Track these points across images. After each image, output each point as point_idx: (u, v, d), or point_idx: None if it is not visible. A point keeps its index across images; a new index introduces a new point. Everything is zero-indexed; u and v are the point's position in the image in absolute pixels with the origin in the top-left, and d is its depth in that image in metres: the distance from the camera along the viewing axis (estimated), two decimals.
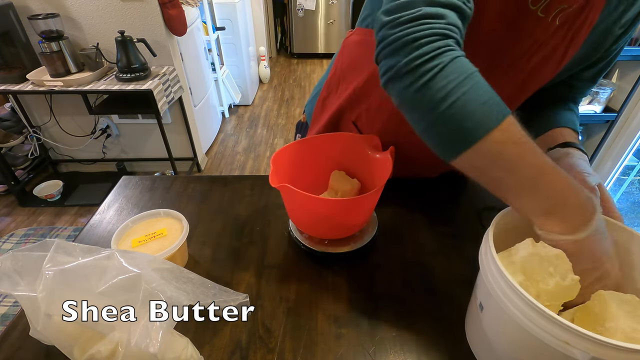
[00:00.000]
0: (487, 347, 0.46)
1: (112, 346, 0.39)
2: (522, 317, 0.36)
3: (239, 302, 0.50)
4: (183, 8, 2.05)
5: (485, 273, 0.42)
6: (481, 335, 0.47)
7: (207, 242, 0.67)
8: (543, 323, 0.35)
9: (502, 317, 0.41)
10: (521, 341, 0.39)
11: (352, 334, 0.52)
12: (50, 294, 0.37)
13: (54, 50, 1.81)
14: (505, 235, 0.47)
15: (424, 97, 0.39)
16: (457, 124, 0.38)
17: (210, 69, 2.94)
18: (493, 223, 0.45)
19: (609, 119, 1.64)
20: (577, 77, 0.64)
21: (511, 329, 0.40)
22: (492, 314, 0.43)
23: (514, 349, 0.41)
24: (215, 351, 0.49)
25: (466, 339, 0.51)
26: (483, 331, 0.46)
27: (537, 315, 0.35)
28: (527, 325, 0.36)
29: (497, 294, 0.39)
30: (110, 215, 0.73)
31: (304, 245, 0.63)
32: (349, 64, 0.70)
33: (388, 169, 0.59)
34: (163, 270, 0.43)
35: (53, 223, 2.14)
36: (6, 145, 2.23)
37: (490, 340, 0.44)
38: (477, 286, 0.47)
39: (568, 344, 0.33)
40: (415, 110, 0.41)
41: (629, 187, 2.03)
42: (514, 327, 0.38)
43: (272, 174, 0.57)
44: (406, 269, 0.62)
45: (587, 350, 0.32)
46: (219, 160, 2.75)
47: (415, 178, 0.81)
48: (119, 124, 2.39)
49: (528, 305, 0.36)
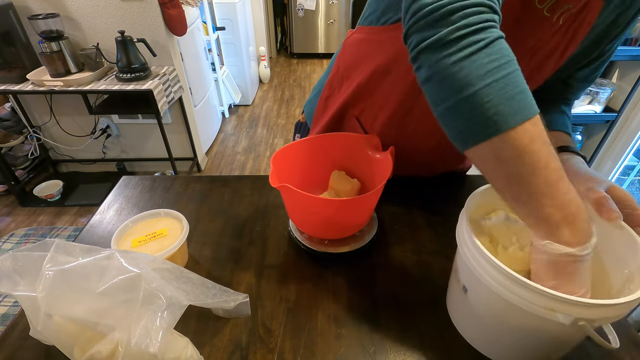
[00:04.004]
0: (475, 325, 0.49)
1: (112, 346, 0.39)
2: (509, 293, 0.39)
3: (239, 302, 0.50)
4: (183, 8, 2.05)
5: (466, 255, 0.44)
6: (468, 316, 0.49)
7: (207, 242, 0.67)
8: (529, 295, 0.37)
9: (488, 296, 0.43)
10: (508, 315, 0.42)
11: (352, 334, 0.52)
12: (50, 294, 0.37)
13: (54, 50, 1.81)
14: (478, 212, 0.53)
15: (462, 70, 0.35)
16: (491, 107, 0.34)
17: (210, 69, 2.94)
18: (468, 203, 0.48)
19: (609, 119, 1.63)
20: (573, 77, 0.64)
21: (498, 305, 0.43)
22: (477, 294, 0.45)
23: (501, 323, 0.45)
24: (215, 351, 0.49)
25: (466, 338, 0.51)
26: (470, 311, 0.48)
27: (524, 289, 0.37)
28: (514, 299, 0.39)
29: (482, 275, 0.41)
30: (110, 215, 0.73)
31: (304, 245, 0.63)
32: (351, 62, 0.70)
33: (388, 169, 0.59)
34: (163, 270, 0.43)
35: (53, 223, 2.14)
36: (6, 145, 2.23)
37: (478, 318, 0.47)
38: (458, 270, 0.49)
39: (553, 310, 0.36)
40: (447, 85, 0.37)
41: (629, 187, 2.03)
42: (501, 303, 0.41)
43: (272, 174, 0.57)
44: (406, 269, 0.62)
45: (571, 313, 0.36)
46: (219, 160, 2.75)
47: (415, 176, 0.81)
48: (119, 124, 2.39)
49: (514, 281, 0.38)
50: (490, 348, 0.48)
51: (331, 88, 0.78)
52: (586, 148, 1.82)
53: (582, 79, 0.64)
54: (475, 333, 0.50)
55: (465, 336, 0.51)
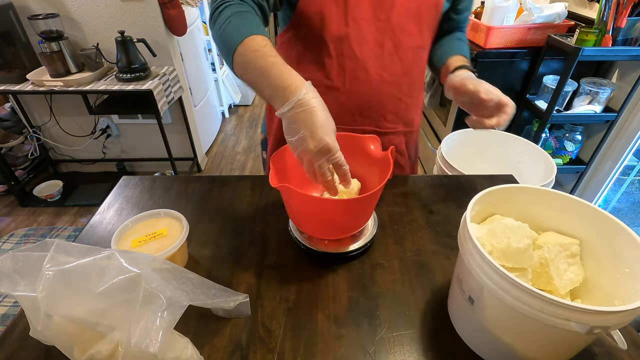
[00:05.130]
0: (483, 337, 0.47)
1: (112, 346, 0.39)
2: (523, 305, 0.38)
3: (239, 302, 0.50)
4: (183, 8, 2.05)
5: (472, 266, 0.43)
6: (475, 327, 0.48)
7: (207, 242, 0.67)
8: (544, 306, 0.37)
9: (498, 308, 0.43)
10: (520, 326, 0.42)
11: (352, 334, 0.52)
12: (50, 294, 0.37)
13: (54, 50, 1.81)
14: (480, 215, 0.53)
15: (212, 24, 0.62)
16: (225, 44, 0.58)
17: (210, 69, 2.94)
18: (469, 210, 0.47)
19: (609, 119, 1.63)
20: (455, 11, 0.83)
21: (509, 316, 0.42)
22: (486, 306, 0.44)
23: (512, 334, 0.44)
24: (215, 351, 0.49)
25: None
26: (477, 323, 0.47)
27: (539, 301, 0.37)
28: (528, 311, 0.38)
29: (491, 287, 0.40)
30: (110, 216, 0.73)
31: (304, 245, 0.63)
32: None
33: (388, 169, 0.59)
34: (163, 270, 0.43)
35: (53, 223, 2.14)
36: (6, 145, 2.23)
37: (486, 330, 0.46)
38: (462, 280, 0.48)
39: (568, 320, 0.36)
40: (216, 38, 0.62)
41: (629, 187, 2.03)
42: (513, 315, 0.40)
43: (272, 174, 0.57)
44: (406, 269, 0.62)
45: (587, 322, 0.35)
46: (219, 160, 2.75)
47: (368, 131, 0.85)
48: (119, 124, 2.39)
49: (529, 294, 0.37)
50: (498, 356, 0.47)
51: None
52: (586, 148, 1.82)
53: (461, 11, 0.83)
54: (483, 343, 0.48)
55: (471, 346, 0.50)
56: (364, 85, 0.77)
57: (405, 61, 0.77)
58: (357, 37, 0.72)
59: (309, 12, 0.70)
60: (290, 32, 0.76)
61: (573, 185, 1.92)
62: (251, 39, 0.56)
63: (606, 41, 1.44)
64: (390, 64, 0.76)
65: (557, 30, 1.66)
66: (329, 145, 0.50)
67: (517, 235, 0.48)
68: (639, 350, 0.50)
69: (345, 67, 0.75)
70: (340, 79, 0.76)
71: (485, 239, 0.49)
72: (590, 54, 1.45)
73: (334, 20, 0.71)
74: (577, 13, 1.78)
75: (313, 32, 0.73)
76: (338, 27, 0.71)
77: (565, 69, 1.51)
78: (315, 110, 0.50)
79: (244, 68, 0.57)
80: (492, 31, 1.63)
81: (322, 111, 0.51)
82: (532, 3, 1.62)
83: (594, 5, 1.69)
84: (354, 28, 0.72)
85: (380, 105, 0.80)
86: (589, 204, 0.49)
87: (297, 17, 0.72)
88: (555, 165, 1.09)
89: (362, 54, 0.74)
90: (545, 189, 0.52)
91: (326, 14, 0.70)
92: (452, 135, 1.22)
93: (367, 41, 0.73)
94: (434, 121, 2.28)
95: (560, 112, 1.66)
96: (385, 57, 0.75)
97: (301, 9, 0.71)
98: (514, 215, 0.53)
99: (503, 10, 1.64)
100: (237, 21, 0.59)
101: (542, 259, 0.48)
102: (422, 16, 0.75)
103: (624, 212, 2.11)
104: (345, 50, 0.73)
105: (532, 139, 1.72)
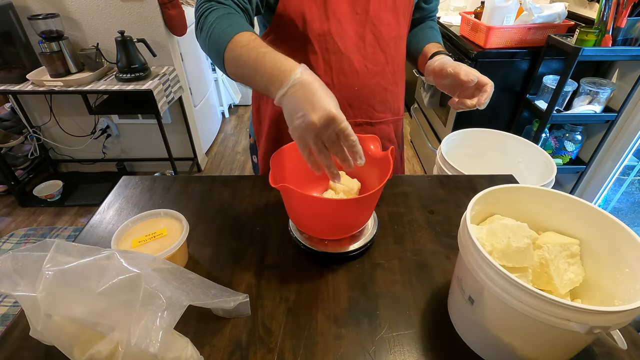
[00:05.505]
0: (483, 337, 0.47)
1: (112, 346, 0.39)
2: (523, 305, 0.38)
3: (239, 302, 0.50)
4: (183, 8, 2.05)
5: (472, 266, 0.43)
6: (475, 327, 0.48)
7: (207, 242, 0.67)
8: (545, 306, 0.37)
9: (498, 308, 0.43)
10: (521, 326, 0.42)
11: (352, 334, 0.52)
12: (50, 294, 0.37)
13: (54, 50, 1.81)
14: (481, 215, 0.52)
15: (199, 32, 0.63)
16: (214, 45, 0.60)
17: (210, 69, 2.94)
18: (469, 211, 0.47)
19: (609, 119, 1.63)
20: (425, 1, 0.88)
21: (509, 316, 0.42)
22: (486, 306, 0.44)
23: (513, 334, 0.44)
24: (215, 351, 0.49)
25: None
26: (477, 323, 0.47)
27: (540, 301, 0.37)
28: (528, 311, 0.38)
29: (491, 287, 0.41)
30: (110, 216, 0.73)
31: (304, 245, 0.63)
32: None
33: (388, 169, 0.59)
34: (163, 271, 0.43)
35: (53, 223, 2.14)
36: (6, 145, 2.23)
37: (486, 330, 0.46)
38: (462, 280, 0.48)
39: (569, 320, 0.36)
40: (204, 39, 0.62)
41: (629, 187, 2.03)
42: (513, 315, 0.40)
43: (272, 174, 0.57)
44: (406, 269, 0.62)
45: (587, 322, 0.36)
46: (219, 160, 2.75)
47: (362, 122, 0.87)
48: (119, 124, 2.39)
49: (528, 293, 0.37)
50: (498, 356, 0.47)
51: (257, 100, 0.88)
52: (586, 148, 1.82)
53: (431, 0, 0.89)
54: (483, 343, 0.48)
55: (471, 346, 0.50)
56: (351, 78, 0.78)
57: (387, 51, 0.79)
58: (339, 31, 0.74)
59: (290, 13, 0.71)
60: (271, 36, 0.77)
61: (573, 185, 1.92)
62: (240, 35, 0.57)
63: (606, 41, 1.44)
64: (372, 54, 0.78)
65: (557, 30, 1.66)
66: (333, 114, 0.47)
67: (517, 235, 0.48)
68: (639, 350, 0.50)
69: (331, 62, 0.76)
70: (328, 74, 0.77)
71: (485, 239, 0.49)
72: (590, 54, 1.45)
73: (315, 17, 0.72)
74: (577, 13, 1.78)
75: (296, 32, 0.73)
76: (320, 23, 0.72)
77: (565, 69, 1.51)
78: (314, 86, 0.49)
79: (236, 64, 0.57)
80: (492, 31, 1.63)
81: (322, 87, 0.50)
82: (532, 3, 1.62)
83: (594, 5, 1.69)
84: (334, 23, 0.73)
85: (369, 95, 0.82)
86: (589, 204, 0.49)
87: (277, 20, 0.73)
88: (555, 165, 1.09)
89: (346, 47, 0.75)
90: (545, 189, 0.52)
91: (307, 12, 0.71)
92: (452, 135, 1.22)
93: (348, 35, 0.75)
94: (434, 121, 2.28)
95: (560, 112, 1.66)
96: (368, 48, 0.77)
97: (281, 11, 0.71)
98: (513, 215, 0.53)
99: (503, 10, 1.64)
100: (223, 22, 0.59)
101: (542, 259, 0.48)
102: (398, 6, 0.77)
103: (624, 212, 2.11)
104: (330, 45, 0.74)
105: (532, 139, 1.72)
